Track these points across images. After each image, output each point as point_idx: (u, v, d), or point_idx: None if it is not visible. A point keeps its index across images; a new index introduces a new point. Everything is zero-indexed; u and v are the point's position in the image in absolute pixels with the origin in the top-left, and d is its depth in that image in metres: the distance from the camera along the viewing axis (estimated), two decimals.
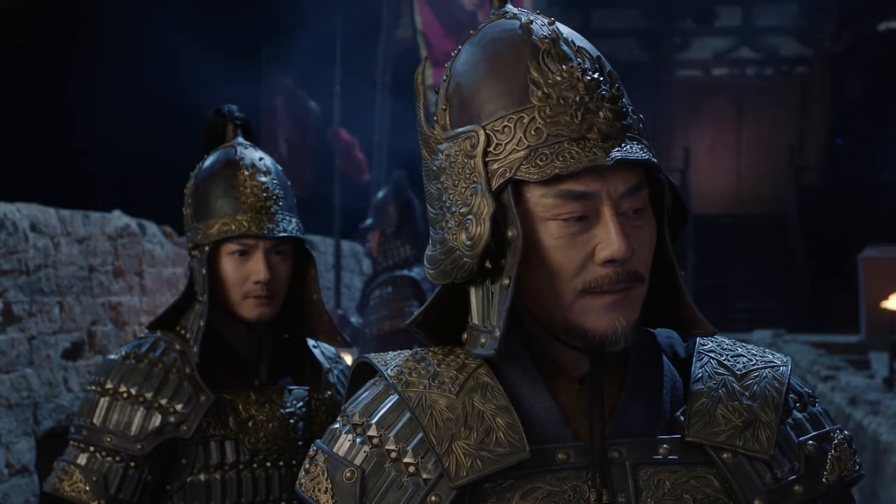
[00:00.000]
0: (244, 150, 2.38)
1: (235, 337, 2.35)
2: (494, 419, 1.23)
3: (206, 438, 2.27)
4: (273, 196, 2.32)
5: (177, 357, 2.30)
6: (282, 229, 2.31)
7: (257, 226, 2.28)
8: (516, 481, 1.22)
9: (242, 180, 2.31)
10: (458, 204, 1.25)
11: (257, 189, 2.31)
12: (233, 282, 2.29)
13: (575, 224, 1.22)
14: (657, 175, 1.26)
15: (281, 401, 2.35)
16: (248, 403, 2.31)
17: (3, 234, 4.41)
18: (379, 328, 5.11)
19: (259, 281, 2.27)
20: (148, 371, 2.28)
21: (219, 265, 2.30)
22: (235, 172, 2.32)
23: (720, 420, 1.26)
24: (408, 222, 5.27)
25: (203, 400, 2.26)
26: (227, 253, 2.29)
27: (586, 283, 1.22)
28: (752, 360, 1.34)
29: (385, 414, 1.27)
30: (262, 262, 2.28)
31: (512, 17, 1.27)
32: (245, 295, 2.29)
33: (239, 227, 2.28)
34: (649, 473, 1.24)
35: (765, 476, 1.25)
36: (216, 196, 2.31)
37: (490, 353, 1.24)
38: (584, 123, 1.20)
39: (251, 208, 2.29)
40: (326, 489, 1.26)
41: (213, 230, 2.29)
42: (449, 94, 1.28)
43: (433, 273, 1.30)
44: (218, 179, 2.33)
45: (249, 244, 2.29)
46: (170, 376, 2.28)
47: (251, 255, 2.29)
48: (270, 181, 2.34)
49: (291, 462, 2.34)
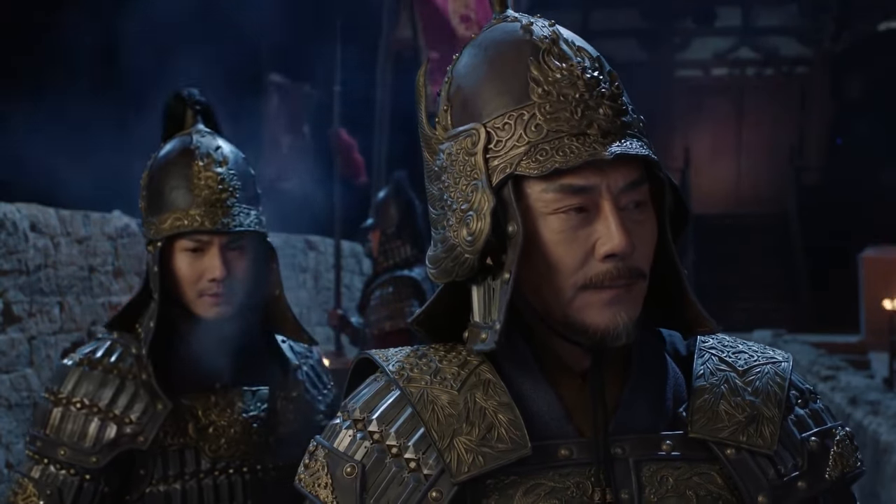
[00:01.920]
0: (201, 138, 2.24)
1: (195, 337, 2.21)
2: (496, 415, 1.23)
3: (164, 448, 2.16)
4: (229, 188, 2.18)
5: (133, 362, 2.18)
6: (238, 223, 2.17)
7: (211, 220, 2.15)
8: (519, 478, 1.22)
9: (196, 171, 2.18)
10: (458, 201, 1.25)
11: (212, 181, 2.17)
12: (187, 279, 2.17)
13: (575, 218, 1.22)
14: (657, 173, 1.26)
15: (243, 403, 2.22)
16: (208, 408, 2.20)
17: (3, 234, 4.41)
18: (379, 328, 5.11)
19: (214, 279, 2.15)
20: (102, 378, 2.17)
21: (173, 262, 2.18)
22: (190, 163, 2.19)
23: (723, 416, 1.26)
24: (408, 222, 5.26)
25: (160, 409, 2.15)
26: (181, 249, 2.17)
27: (587, 279, 1.22)
28: (754, 356, 1.34)
29: (386, 409, 1.27)
30: (217, 259, 2.15)
31: (513, 21, 1.29)
32: (200, 293, 2.17)
33: (192, 221, 2.15)
34: (652, 470, 1.24)
35: (768, 472, 1.25)
36: (170, 188, 2.18)
37: (490, 346, 1.24)
38: (584, 119, 1.21)
39: (205, 202, 2.16)
40: (326, 484, 1.26)
41: (166, 225, 2.16)
42: (450, 95, 1.30)
43: (435, 272, 1.30)
44: (172, 170, 2.20)
45: (203, 240, 2.16)
46: (125, 384, 2.16)
47: (206, 251, 2.16)
48: (227, 172, 2.20)
49: (256, 467, 2.22)
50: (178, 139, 2.25)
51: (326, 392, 2.37)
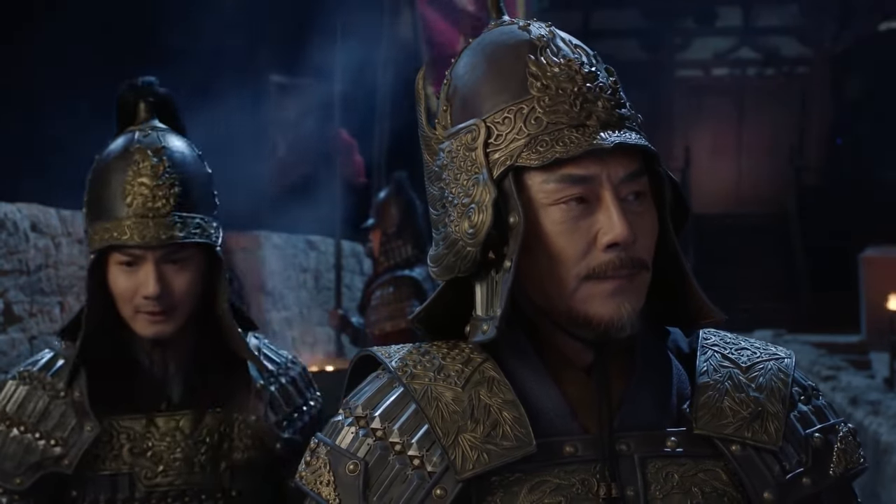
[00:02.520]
0: (144, 136, 2.02)
1: (142, 352, 2.03)
2: (501, 413, 1.23)
3: (94, 472, 1.98)
4: (166, 196, 1.97)
5: (61, 373, 2.01)
6: (171, 236, 1.96)
7: (140, 234, 1.95)
8: (524, 475, 1.22)
9: (131, 177, 1.97)
10: (459, 196, 1.26)
11: (145, 188, 1.96)
12: (122, 296, 1.97)
13: (576, 209, 1.23)
14: (656, 169, 1.27)
15: (190, 427, 2.01)
16: (148, 431, 2.00)
17: (3, 234, 4.40)
18: (380, 328, 5.11)
19: (148, 296, 1.95)
20: (33, 394, 2.00)
21: (108, 275, 1.99)
22: (126, 167, 1.98)
23: (727, 412, 1.26)
24: (409, 222, 5.26)
25: (87, 431, 1.96)
26: (115, 263, 1.98)
27: (590, 269, 1.23)
28: (756, 352, 1.34)
29: (389, 406, 1.26)
30: (151, 275, 1.95)
31: (510, 24, 1.32)
32: (136, 310, 1.97)
33: (121, 234, 1.95)
34: (657, 466, 1.24)
35: (773, 468, 1.25)
36: (106, 194, 1.99)
37: (492, 335, 1.24)
38: (583, 112, 1.23)
39: (136, 212, 1.96)
40: (329, 482, 1.26)
41: (97, 237, 1.98)
42: (449, 95, 1.31)
43: (437, 270, 1.31)
44: (109, 174, 1.99)
45: (136, 254, 1.96)
46: (56, 401, 1.99)
47: (140, 265, 1.96)
48: (165, 177, 1.97)
49: (201, 497, 2.01)
50: (122, 137, 2.04)
51: (305, 409, 2.14)
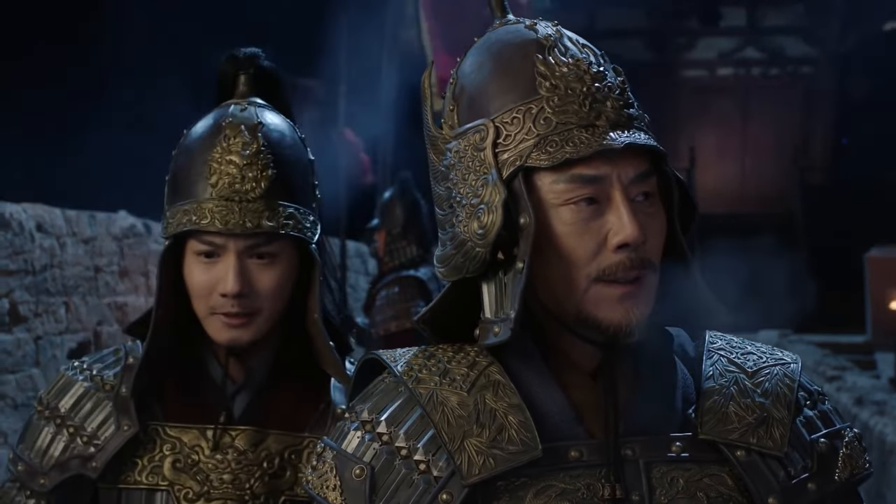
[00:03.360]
0: (240, 111, 1.76)
1: (211, 357, 1.78)
2: (507, 417, 1.23)
3: (127, 485, 1.72)
4: (257, 178, 1.70)
5: (120, 371, 1.77)
6: (259, 224, 1.69)
7: (223, 218, 1.68)
8: (529, 479, 1.22)
9: (220, 153, 1.71)
10: (468, 196, 1.26)
11: (233, 167, 1.70)
12: (197, 291, 1.71)
13: (587, 209, 1.23)
14: (664, 169, 1.27)
15: (247, 445, 1.73)
16: (196, 444, 1.73)
17: (9, 234, 4.41)
18: (385, 328, 5.11)
19: (227, 293, 1.68)
20: (86, 390, 1.77)
21: (184, 267, 1.74)
22: (214, 142, 1.72)
23: (733, 417, 1.26)
24: (414, 223, 5.26)
25: (124, 429, 1.71)
26: (192, 252, 1.72)
27: (600, 270, 1.22)
28: (763, 357, 1.34)
29: (395, 411, 1.26)
30: (232, 269, 1.68)
31: (516, 23, 1.31)
32: (211, 310, 1.71)
33: (201, 217, 1.68)
34: (662, 471, 1.24)
35: (778, 474, 1.25)
36: (189, 172, 1.73)
37: (505, 337, 1.24)
38: (593, 112, 1.23)
39: (220, 193, 1.69)
40: (335, 486, 1.26)
41: (174, 220, 1.72)
42: (456, 94, 1.31)
43: (444, 271, 1.30)
44: (196, 151, 1.74)
45: (217, 243, 1.69)
46: (97, 394, 1.76)
47: (220, 257, 1.70)
48: (259, 156, 1.71)
49: None
50: (215, 111, 1.79)
51: None
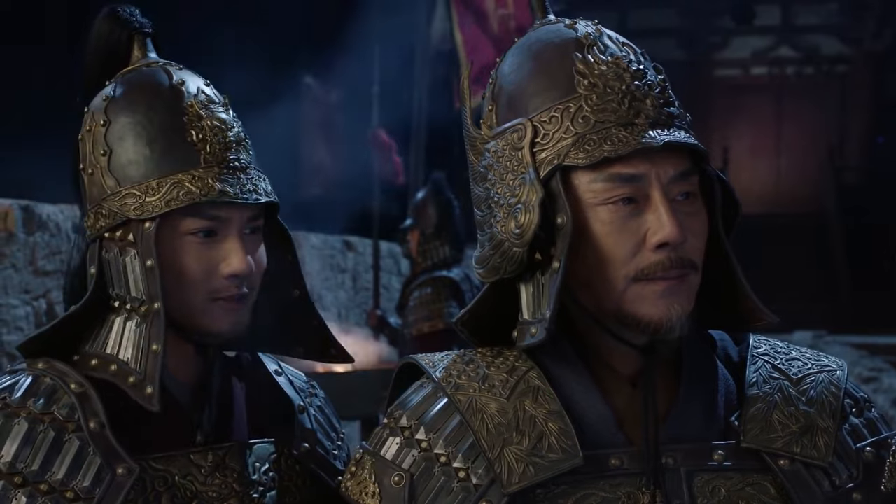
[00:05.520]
0: (178, 71, 1.52)
1: (177, 365, 1.50)
2: (546, 424, 1.22)
3: None
4: (239, 139, 1.50)
5: (73, 406, 1.42)
6: (264, 191, 1.49)
7: (232, 187, 1.45)
8: (569, 487, 1.21)
9: (195, 116, 1.47)
10: (505, 196, 1.25)
11: (219, 130, 1.47)
12: (195, 276, 1.45)
13: (625, 208, 1.21)
14: (705, 168, 1.25)
15: (239, 465, 1.50)
16: (189, 473, 1.48)
17: (46, 235, 4.44)
18: (418, 329, 5.11)
19: (236, 273, 1.45)
20: (29, 432, 1.41)
21: (166, 252, 1.45)
22: (179, 104, 1.47)
23: (776, 426, 1.24)
24: (447, 223, 5.26)
25: (122, 474, 1.41)
26: (185, 232, 1.45)
27: (639, 270, 1.21)
28: (808, 363, 1.32)
29: (434, 417, 1.26)
30: (238, 245, 1.46)
31: (556, 22, 1.30)
32: (212, 296, 1.46)
33: (205, 189, 1.43)
34: (704, 480, 1.22)
35: (823, 483, 1.23)
36: (154, 142, 1.46)
37: (541, 337, 1.23)
38: (632, 110, 1.22)
39: (218, 159, 1.45)
40: (374, 493, 1.25)
41: (158, 196, 1.44)
42: (495, 94, 1.30)
43: (482, 272, 1.29)
44: (150, 116, 1.47)
45: (222, 216, 1.45)
46: (64, 439, 1.41)
47: (222, 233, 1.46)
48: (233, 119, 1.51)
49: None
50: (135, 74, 1.51)
51: (340, 444, 1.64)
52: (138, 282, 1.45)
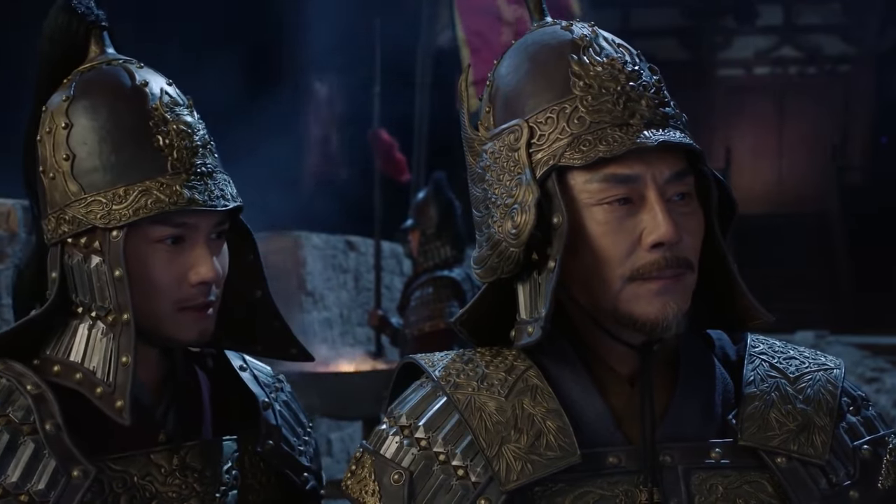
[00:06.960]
0: (139, 70, 1.47)
1: (140, 365, 1.46)
2: (545, 422, 1.23)
3: None
4: (205, 143, 1.46)
5: (29, 408, 1.40)
6: (233, 196, 1.47)
7: (201, 194, 1.42)
8: (567, 485, 1.22)
9: (160, 120, 1.42)
10: (502, 196, 1.26)
11: (186, 135, 1.43)
12: (163, 284, 1.42)
13: (620, 209, 1.22)
14: (702, 168, 1.26)
15: (201, 464, 1.48)
16: (150, 474, 1.45)
17: None
18: (419, 329, 5.11)
19: (206, 281, 1.43)
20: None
21: (132, 261, 1.42)
22: (143, 107, 1.42)
23: (774, 424, 1.25)
24: (448, 223, 5.26)
25: (77, 476, 1.38)
26: (152, 241, 1.42)
27: (634, 269, 1.22)
28: (805, 362, 1.33)
29: (433, 416, 1.27)
30: (206, 252, 1.43)
31: (552, 24, 1.31)
32: (180, 304, 1.43)
33: (174, 197, 1.40)
34: (701, 478, 1.23)
35: (820, 481, 1.24)
36: (120, 148, 1.41)
37: (537, 336, 1.24)
38: (627, 110, 1.22)
39: (185, 166, 1.42)
40: (374, 492, 1.26)
41: (125, 204, 1.40)
42: (492, 96, 1.31)
43: (480, 272, 1.31)
44: (114, 120, 1.42)
45: (190, 223, 1.43)
46: (19, 441, 1.38)
47: (190, 240, 1.44)
48: (198, 121, 1.47)
49: None
50: (95, 73, 1.47)
51: (307, 440, 1.63)
52: (104, 290, 1.42)
